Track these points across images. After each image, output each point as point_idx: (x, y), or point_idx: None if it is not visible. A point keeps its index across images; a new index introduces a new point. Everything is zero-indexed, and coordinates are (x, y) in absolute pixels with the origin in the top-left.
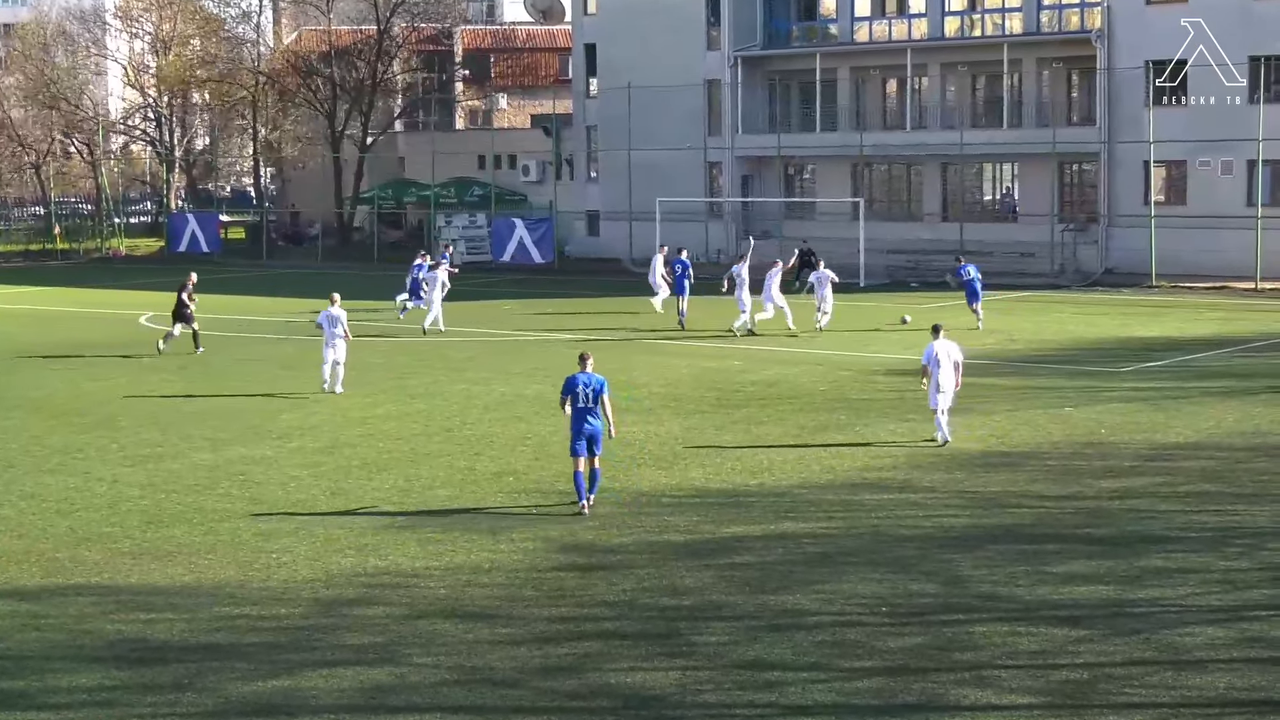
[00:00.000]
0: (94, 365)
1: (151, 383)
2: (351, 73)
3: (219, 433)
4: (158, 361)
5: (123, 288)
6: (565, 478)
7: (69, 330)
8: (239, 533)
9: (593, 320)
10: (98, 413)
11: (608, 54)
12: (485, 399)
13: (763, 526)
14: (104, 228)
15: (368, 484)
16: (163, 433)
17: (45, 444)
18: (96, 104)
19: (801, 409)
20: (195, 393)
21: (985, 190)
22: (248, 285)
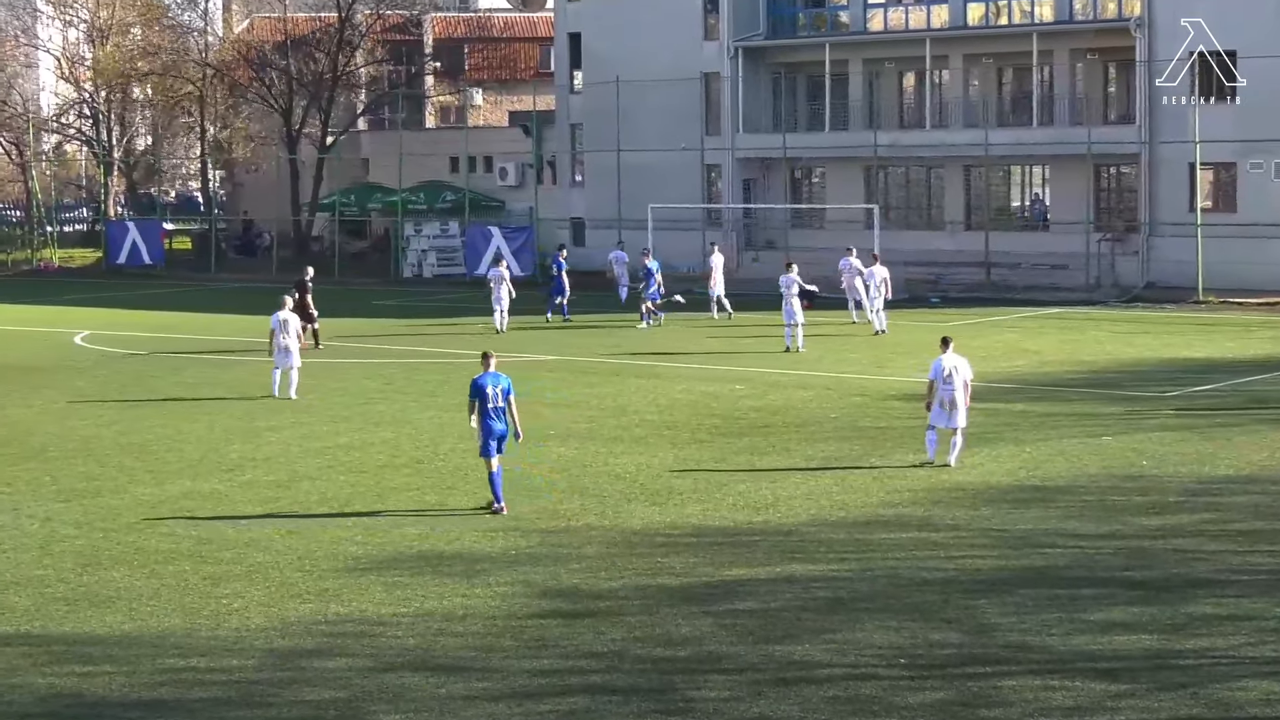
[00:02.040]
0: (23, 391)
1: (86, 410)
2: (309, 65)
3: (162, 465)
4: (91, 387)
5: (56, 303)
6: (549, 515)
7: None
8: (185, 576)
9: (578, 339)
10: (26, 443)
11: (594, 44)
12: (459, 428)
13: (767, 569)
14: (35, 237)
15: (328, 522)
16: (100, 465)
17: None
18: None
19: (810, 438)
20: (135, 421)
21: (1013, 196)
22: (195, 301)
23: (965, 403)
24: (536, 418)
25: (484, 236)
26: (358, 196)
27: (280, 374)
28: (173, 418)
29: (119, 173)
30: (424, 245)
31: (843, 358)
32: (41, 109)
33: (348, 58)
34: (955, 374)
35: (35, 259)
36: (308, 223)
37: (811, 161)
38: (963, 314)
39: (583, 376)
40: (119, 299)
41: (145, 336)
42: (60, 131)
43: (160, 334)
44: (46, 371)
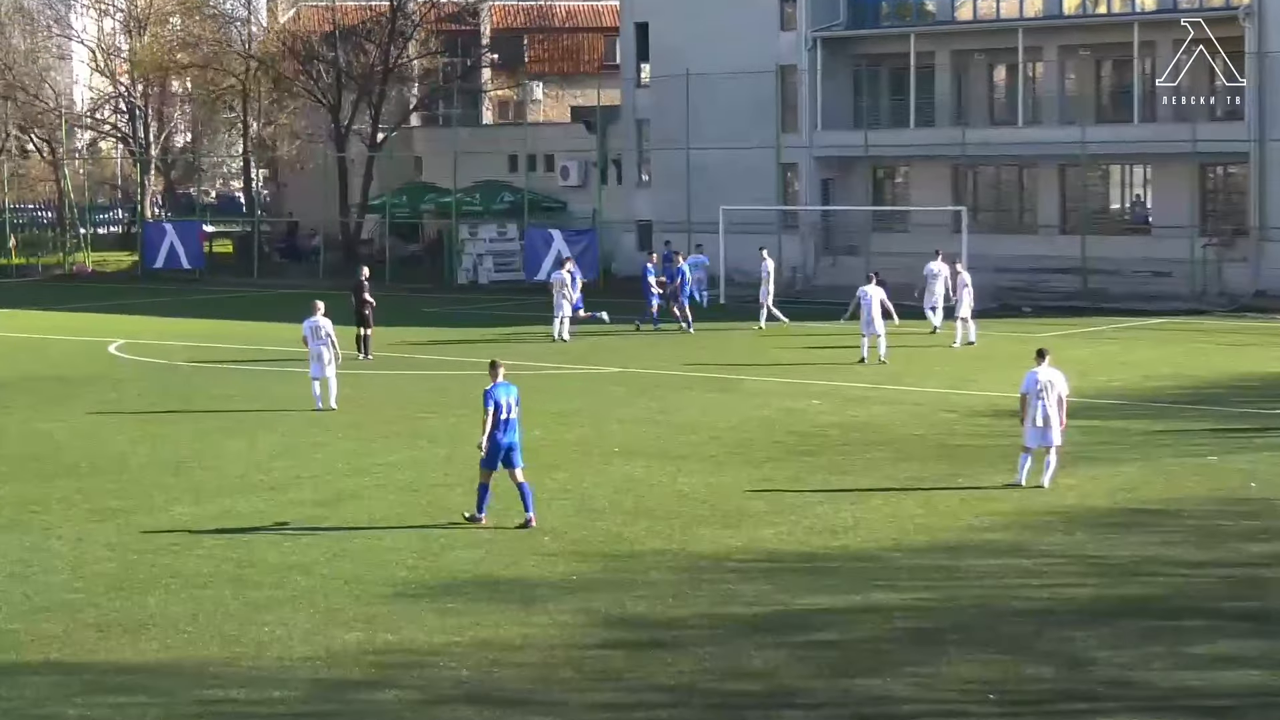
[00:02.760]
0: (53, 403)
1: (120, 424)
2: (359, 57)
3: (200, 483)
4: (126, 399)
5: (89, 310)
6: (612, 538)
7: (23, 361)
8: (224, 601)
9: (646, 350)
10: (56, 459)
11: (662, 35)
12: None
13: (847, 597)
14: (67, 240)
15: (377, 544)
16: (134, 482)
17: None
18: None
19: (894, 457)
20: (172, 436)
21: (1112, 198)
22: (236, 308)
23: (1061, 420)
24: (601, 434)
25: (544, 240)
26: (410, 197)
27: (319, 385)
28: (212, 432)
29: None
30: (480, 249)
31: (929, 370)
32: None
33: (400, 49)
34: (1050, 389)
35: (68, 263)
36: (356, 225)
37: (895, 161)
38: (1057, 324)
39: (650, 390)
40: (156, 305)
41: (183, 345)
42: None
43: (199, 343)
44: (78, 383)
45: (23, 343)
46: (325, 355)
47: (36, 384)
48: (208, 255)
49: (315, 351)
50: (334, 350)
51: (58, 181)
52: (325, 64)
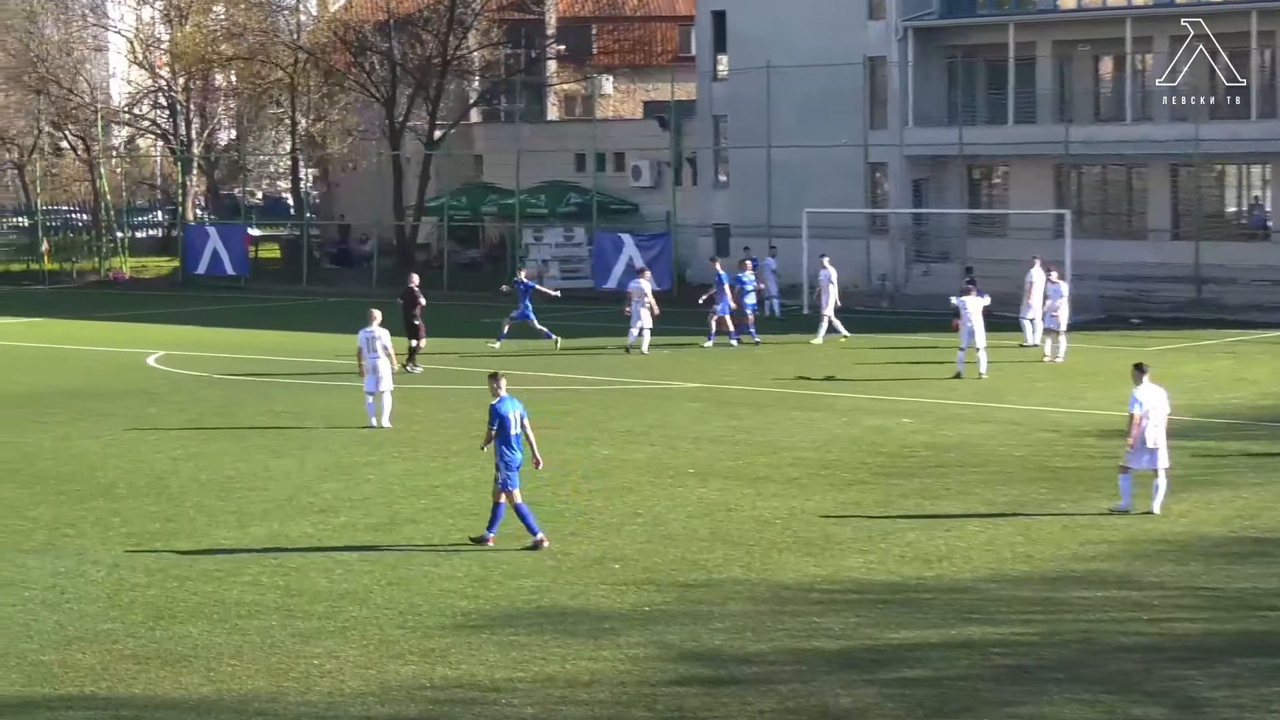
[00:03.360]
0: (89, 419)
1: (160, 442)
2: (416, 48)
3: (245, 505)
4: (166, 415)
5: (126, 319)
6: (687, 566)
7: (57, 373)
8: (270, 632)
9: (723, 365)
10: (92, 479)
11: (741, 24)
12: (584, 464)
13: (940, 631)
14: (103, 243)
15: (434, 571)
16: (175, 505)
17: (27, 517)
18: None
19: (990, 480)
20: (215, 455)
21: (1228, 200)
22: (283, 317)
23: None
24: (675, 453)
25: (614, 245)
26: (469, 199)
27: (374, 400)
28: (257, 451)
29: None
30: (545, 254)
31: (1029, 387)
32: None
33: (459, 40)
34: (1157, 407)
35: (104, 268)
36: (412, 228)
37: (992, 160)
38: (1167, 337)
39: (728, 407)
40: (197, 315)
41: (226, 358)
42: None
43: (244, 355)
44: (115, 397)
45: (56, 354)
46: (381, 369)
47: (71, 399)
48: (253, 261)
49: (371, 365)
50: (391, 364)
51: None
52: (379, 55)
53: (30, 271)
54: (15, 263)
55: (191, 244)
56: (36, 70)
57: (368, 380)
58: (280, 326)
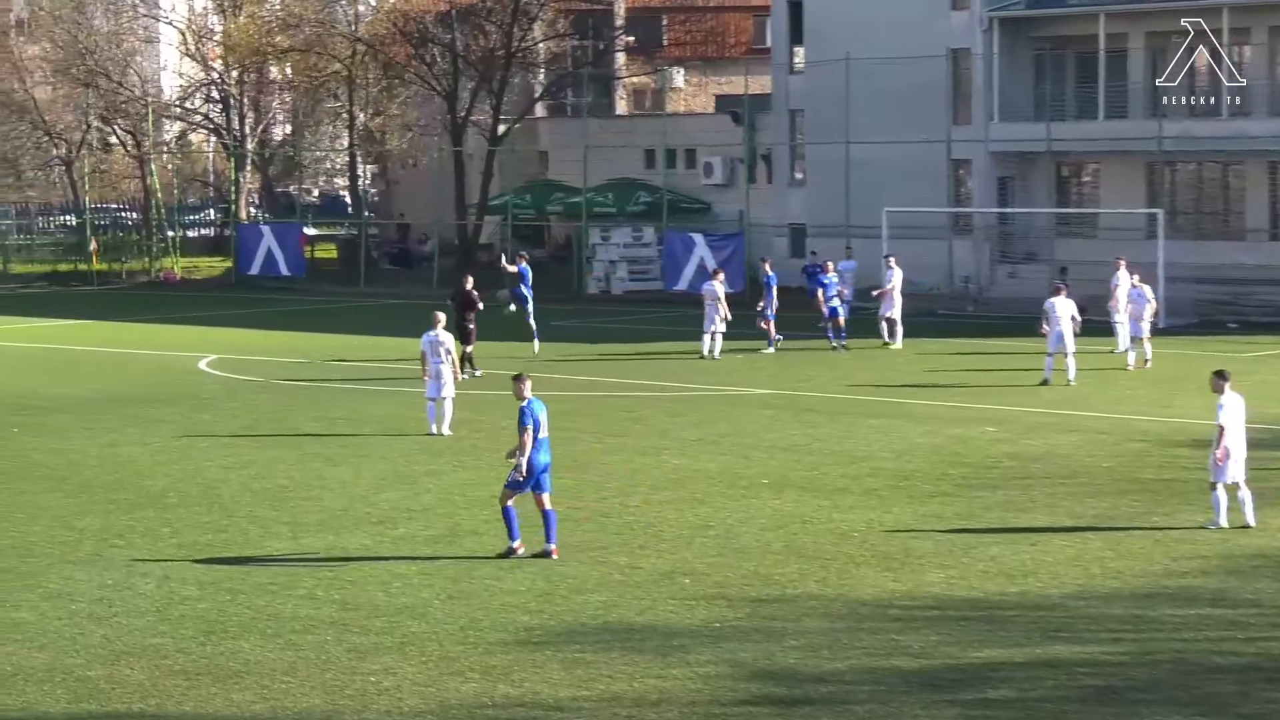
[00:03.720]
0: (138, 425)
1: (212, 449)
2: (479, 39)
3: (300, 516)
4: (218, 421)
5: (177, 322)
6: (760, 580)
7: (105, 377)
8: (326, 648)
9: (799, 371)
10: (141, 487)
11: (819, 14)
12: (653, 474)
13: (1024, 650)
14: (154, 243)
15: (496, 585)
16: (227, 515)
17: (74, 527)
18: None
19: (1078, 492)
20: (269, 463)
21: None
22: (340, 320)
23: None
24: (748, 463)
25: (685, 245)
26: (534, 197)
27: (435, 406)
28: (313, 460)
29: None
30: (613, 255)
31: (1119, 394)
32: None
33: (524, 30)
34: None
35: (154, 269)
36: (474, 228)
37: (1081, 156)
38: (1266, 342)
39: (803, 414)
40: (251, 317)
41: (281, 362)
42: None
43: (299, 359)
44: (165, 403)
45: (104, 357)
46: (445, 374)
47: (119, 404)
48: (309, 261)
49: (434, 369)
50: (454, 369)
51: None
52: (440, 47)
53: (78, 272)
54: (63, 263)
55: (245, 244)
56: (85, 62)
57: (430, 386)
58: (337, 329)
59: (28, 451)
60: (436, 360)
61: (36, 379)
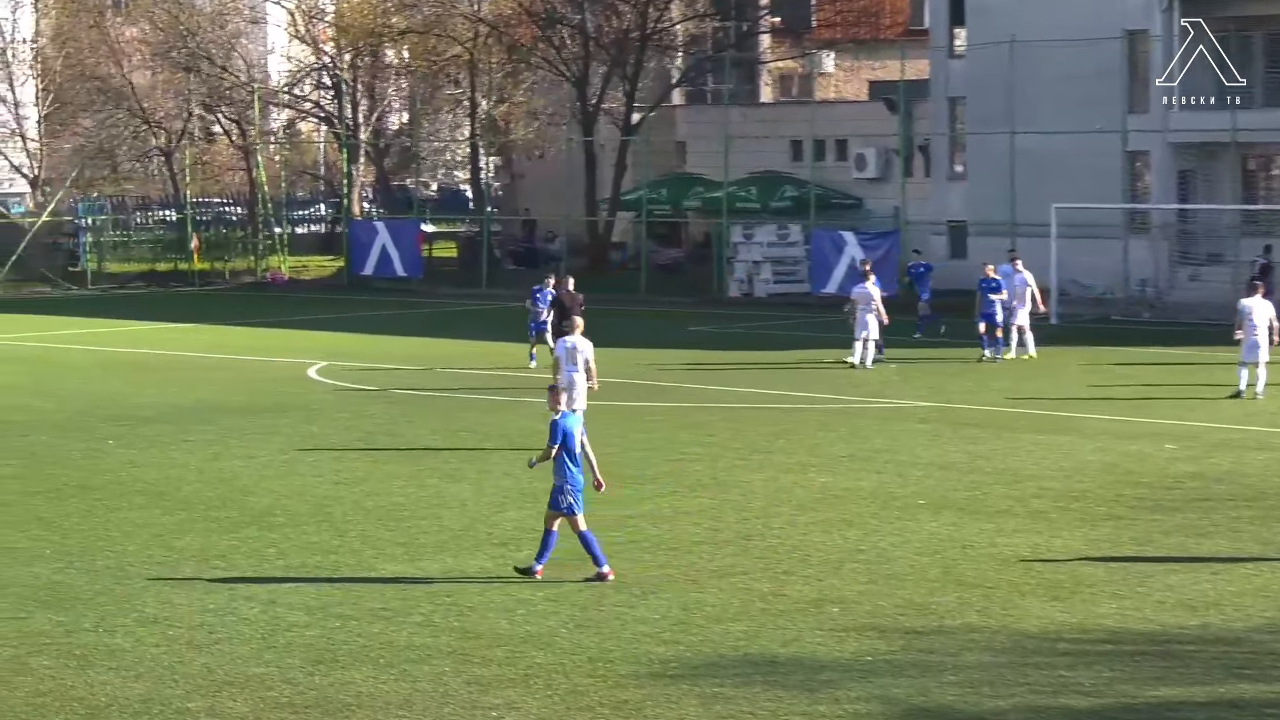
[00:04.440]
0: (242, 438)
1: (321, 463)
2: (611, 21)
3: (416, 536)
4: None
5: (284, 325)
6: (915, 610)
7: (206, 385)
8: (444, 679)
9: (959, 382)
10: (245, 504)
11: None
12: (799, 494)
13: (1206, 689)
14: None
15: (628, 613)
16: (337, 534)
17: (172, 547)
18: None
19: (1266, 516)
20: (383, 479)
21: None
22: (460, 323)
23: None
24: (903, 482)
25: (834, 244)
26: (670, 191)
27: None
28: (431, 475)
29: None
30: (756, 255)
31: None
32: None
33: (660, 11)
34: None
35: (260, 268)
36: (606, 224)
37: (1270, 147)
38: None
39: (963, 429)
40: (364, 321)
41: (396, 369)
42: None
43: (415, 366)
44: (272, 413)
45: (206, 364)
46: (579, 384)
47: (222, 414)
48: (427, 260)
49: (567, 379)
50: (591, 381)
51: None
52: (570, 28)
53: (178, 272)
54: (161, 261)
55: (357, 241)
56: (186, 45)
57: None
58: (457, 334)
59: (124, 465)
60: (571, 368)
61: (133, 387)
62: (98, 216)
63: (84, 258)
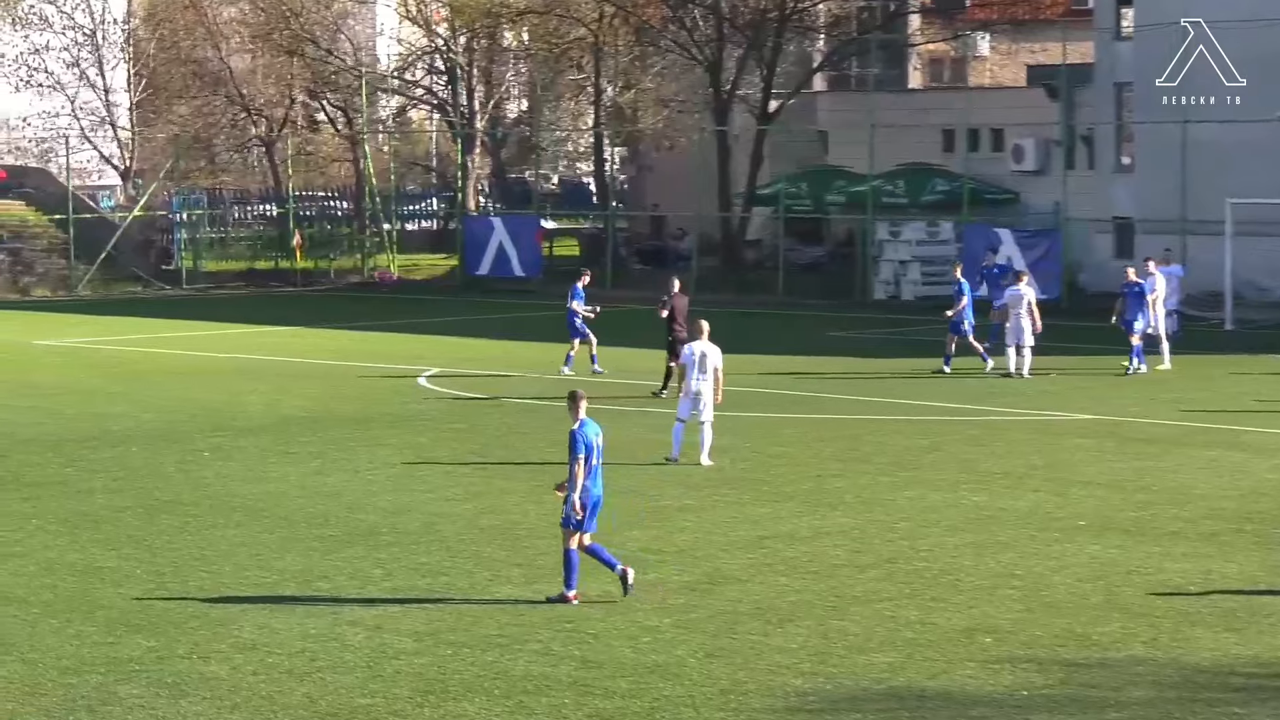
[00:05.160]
0: (348, 450)
1: (432, 477)
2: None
3: (534, 556)
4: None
5: (394, 329)
6: (1076, 641)
7: (309, 393)
8: (563, 712)
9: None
10: (350, 522)
11: None
12: (950, 514)
13: None
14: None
15: (764, 641)
16: (449, 555)
17: (272, 568)
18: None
19: None
20: (498, 494)
21: None
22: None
23: None
24: (1063, 502)
25: (988, 243)
26: (811, 185)
27: (683, 429)
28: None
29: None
30: (904, 254)
31: None
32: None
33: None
34: None
35: (367, 268)
36: (740, 221)
37: None
38: None
39: (1128, 444)
40: (479, 324)
41: (514, 377)
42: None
43: (534, 373)
44: (380, 424)
45: (308, 370)
46: (705, 395)
47: (325, 424)
48: (547, 259)
49: (692, 389)
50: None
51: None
52: (702, 8)
53: (279, 271)
54: (261, 260)
55: (473, 239)
56: (289, 27)
57: (682, 405)
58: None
59: (220, 479)
60: (701, 375)
61: (230, 395)
62: (193, 211)
63: (178, 255)
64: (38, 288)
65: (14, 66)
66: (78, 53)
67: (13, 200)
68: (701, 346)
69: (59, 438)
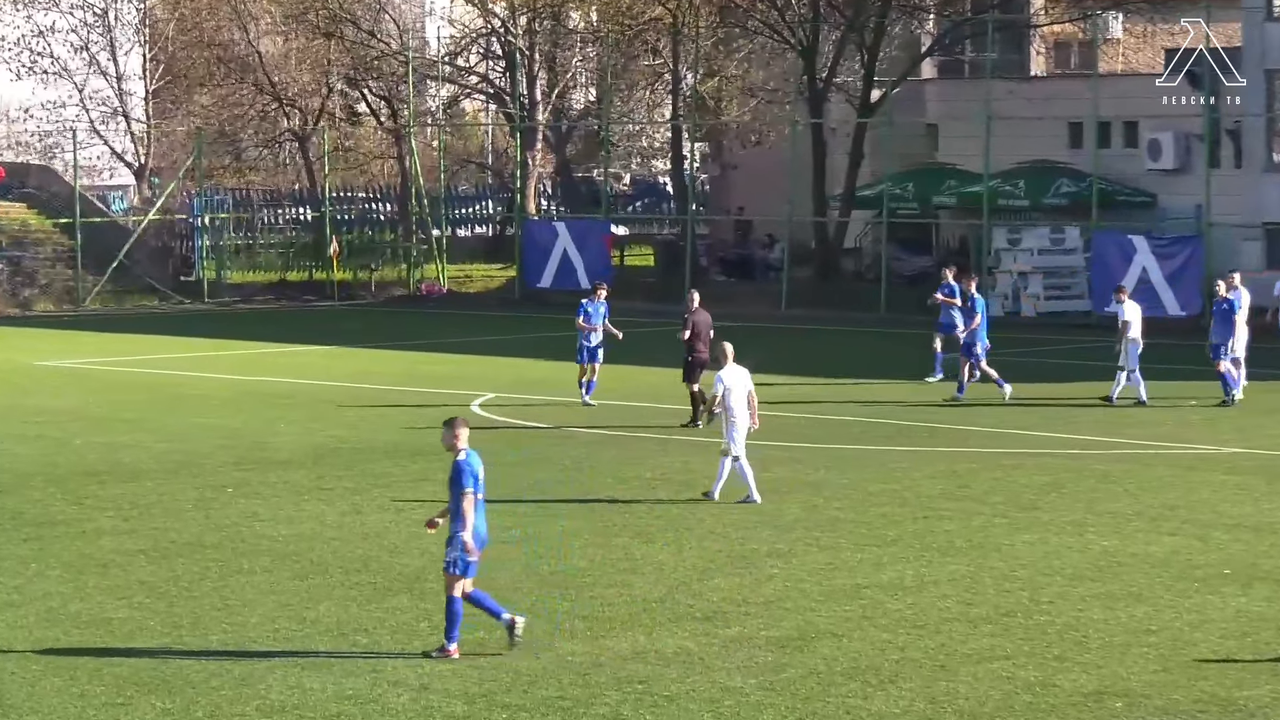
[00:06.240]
0: (392, 485)
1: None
2: None
3: (605, 608)
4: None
5: (445, 349)
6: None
7: (346, 422)
8: None
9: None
10: (392, 567)
11: None
12: (1075, 560)
13: None
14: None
15: (863, 705)
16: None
17: (304, 619)
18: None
19: None
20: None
21: None
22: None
23: None
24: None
25: (1121, 251)
26: (918, 186)
27: (729, 462)
28: (619, 533)
29: (544, 145)
30: (1023, 264)
31: None
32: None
33: None
34: None
35: (414, 279)
36: (837, 226)
37: None
38: None
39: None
40: (540, 344)
41: (579, 403)
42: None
43: (602, 399)
44: (425, 455)
45: (346, 395)
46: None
47: (367, 456)
48: (618, 269)
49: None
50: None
51: (400, 159)
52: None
53: (313, 282)
54: (294, 270)
55: (533, 246)
56: (326, 6)
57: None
58: (651, 361)
59: (246, 519)
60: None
61: (258, 423)
62: (217, 214)
63: (200, 264)
64: (40, 301)
65: (15, 51)
66: (87, 35)
67: (13, 202)
68: (729, 376)
69: (64, 471)
